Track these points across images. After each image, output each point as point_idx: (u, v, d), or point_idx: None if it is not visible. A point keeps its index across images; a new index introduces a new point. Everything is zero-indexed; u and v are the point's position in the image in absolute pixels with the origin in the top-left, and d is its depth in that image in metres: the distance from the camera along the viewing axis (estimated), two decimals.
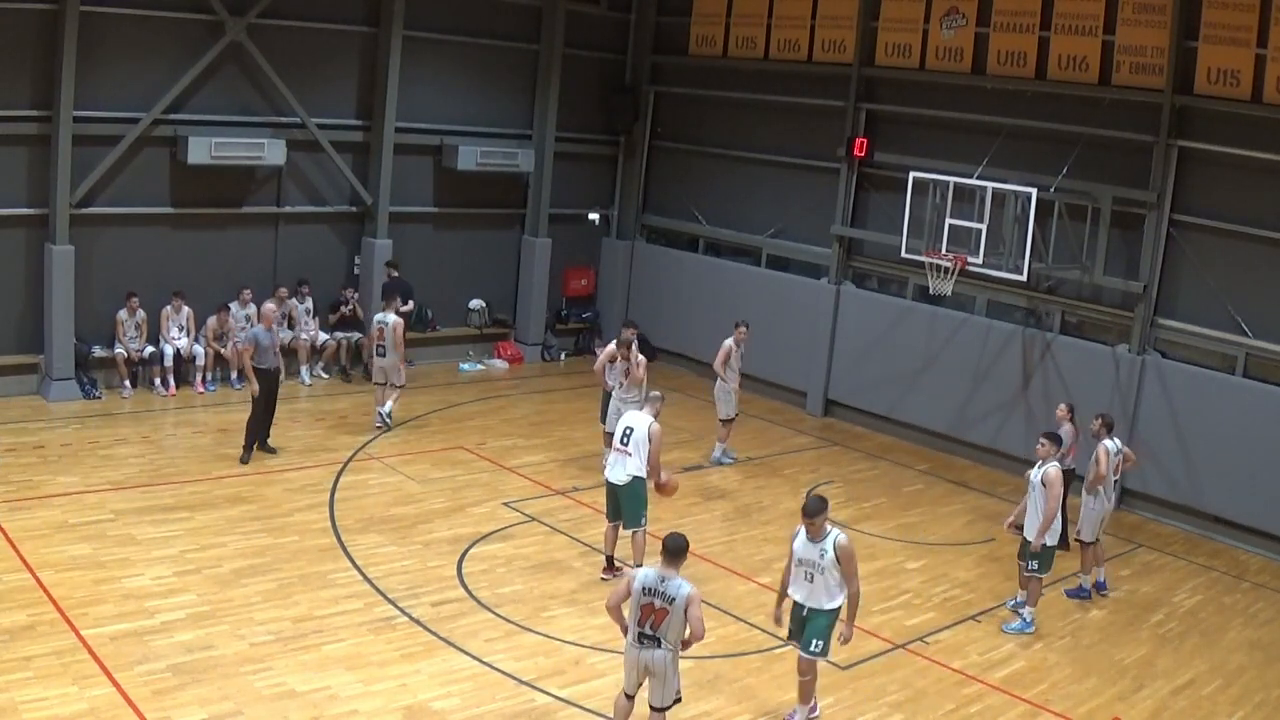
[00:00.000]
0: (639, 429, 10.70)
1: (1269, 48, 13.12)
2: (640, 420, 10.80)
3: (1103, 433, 11.66)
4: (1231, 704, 9.75)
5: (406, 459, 14.01)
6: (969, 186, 14.29)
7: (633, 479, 10.69)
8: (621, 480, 10.71)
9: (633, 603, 7.55)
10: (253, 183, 16.61)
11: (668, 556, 7.54)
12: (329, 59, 17.00)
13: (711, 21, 19.18)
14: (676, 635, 7.49)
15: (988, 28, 15.64)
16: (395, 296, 15.47)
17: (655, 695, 7.66)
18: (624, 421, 10.95)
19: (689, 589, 7.47)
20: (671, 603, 7.42)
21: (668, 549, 7.55)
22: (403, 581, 10.60)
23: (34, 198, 14.73)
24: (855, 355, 17.29)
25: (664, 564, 7.53)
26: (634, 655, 7.63)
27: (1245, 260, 13.69)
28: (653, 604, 7.45)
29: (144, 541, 10.86)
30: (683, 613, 7.43)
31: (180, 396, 15.60)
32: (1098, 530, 11.67)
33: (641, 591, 7.50)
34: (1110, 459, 11.52)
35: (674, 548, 7.55)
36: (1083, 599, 11.65)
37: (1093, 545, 11.68)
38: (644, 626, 7.51)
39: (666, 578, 7.47)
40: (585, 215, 20.18)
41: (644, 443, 10.64)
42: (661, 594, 7.44)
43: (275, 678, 8.66)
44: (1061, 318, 15.37)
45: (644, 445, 10.64)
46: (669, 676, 7.60)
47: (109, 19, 14.83)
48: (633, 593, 7.54)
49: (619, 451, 10.78)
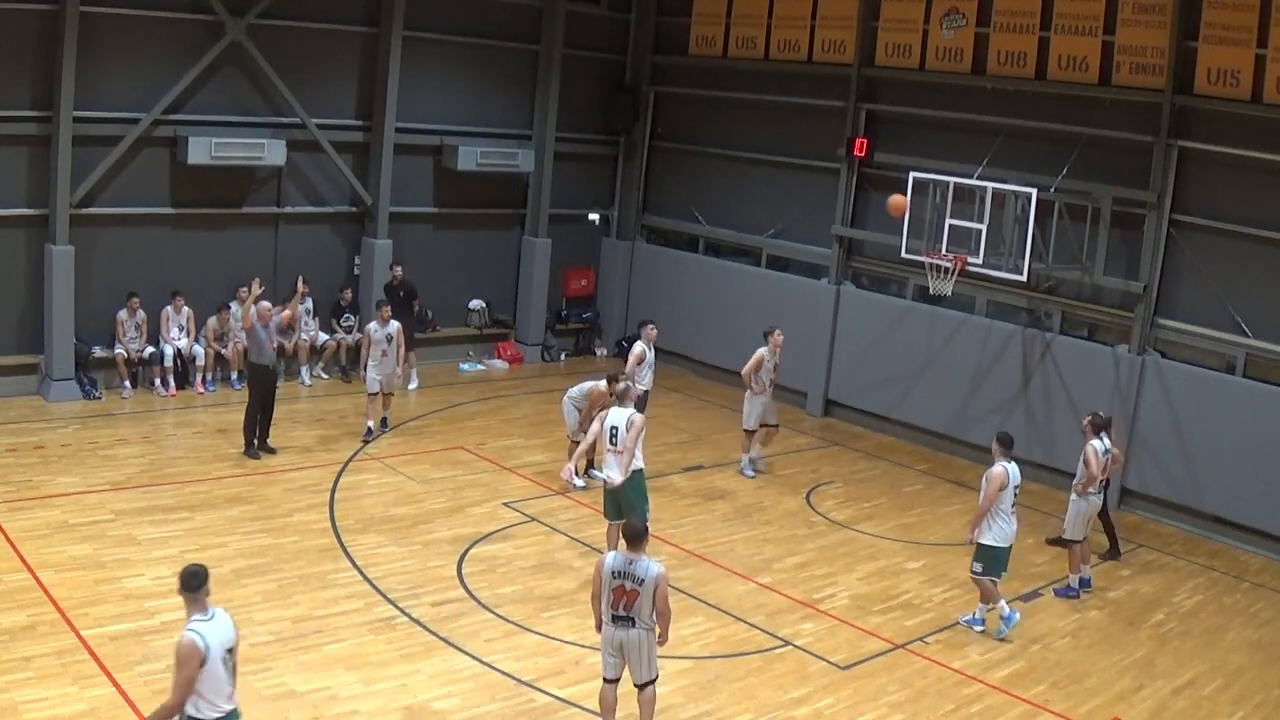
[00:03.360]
0: (621, 425, 10.82)
1: (1269, 48, 13.11)
2: (622, 416, 10.90)
3: (1089, 432, 11.67)
4: (1231, 704, 9.74)
5: (406, 459, 14.01)
6: (969, 186, 14.29)
7: (631, 474, 10.83)
8: (621, 478, 10.80)
9: (604, 587, 7.81)
10: (253, 183, 16.61)
11: (629, 542, 7.82)
12: (329, 59, 17.00)
13: (711, 21, 19.17)
14: (648, 614, 7.78)
15: (988, 28, 15.64)
16: (389, 305, 15.03)
17: (636, 673, 7.95)
18: (609, 422, 10.97)
19: (657, 569, 7.78)
20: (641, 583, 7.72)
21: (627, 535, 7.86)
22: (403, 581, 10.60)
23: (34, 198, 14.73)
24: (855, 355, 17.29)
25: (630, 549, 7.80)
26: (609, 635, 7.91)
27: (1245, 260, 13.69)
28: (623, 586, 7.76)
29: (144, 542, 10.87)
30: (652, 592, 7.70)
31: (180, 397, 15.60)
32: (1085, 529, 11.67)
33: (611, 575, 7.78)
34: (1099, 459, 11.52)
35: (632, 534, 7.85)
36: (1070, 598, 11.64)
37: (1080, 544, 11.69)
38: (617, 609, 7.80)
39: (634, 560, 7.75)
40: (585, 215, 20.19)
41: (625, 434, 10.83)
42: (631, 575, 7.74)
43: (275, 678, 8.67)
44: (1061, 318, 15.38)
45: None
46: (645, 654, 7.90)
47: (109, 19, 14.83)
48: (603, 577, 7.81)
49: (612, 452, 10.87)
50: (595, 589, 7.94)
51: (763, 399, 14.45)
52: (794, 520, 13.30)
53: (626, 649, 7.88)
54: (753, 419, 14.51)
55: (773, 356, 14.51)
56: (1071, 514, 11.68)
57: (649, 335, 14.43)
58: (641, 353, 14.19)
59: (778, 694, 9.24)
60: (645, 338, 14.41)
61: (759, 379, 14.38)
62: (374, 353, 14.52)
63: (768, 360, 14.43)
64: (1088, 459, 11.52)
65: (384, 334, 14.55)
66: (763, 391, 14.41)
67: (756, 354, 14.40)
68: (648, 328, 14.52)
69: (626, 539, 7.87)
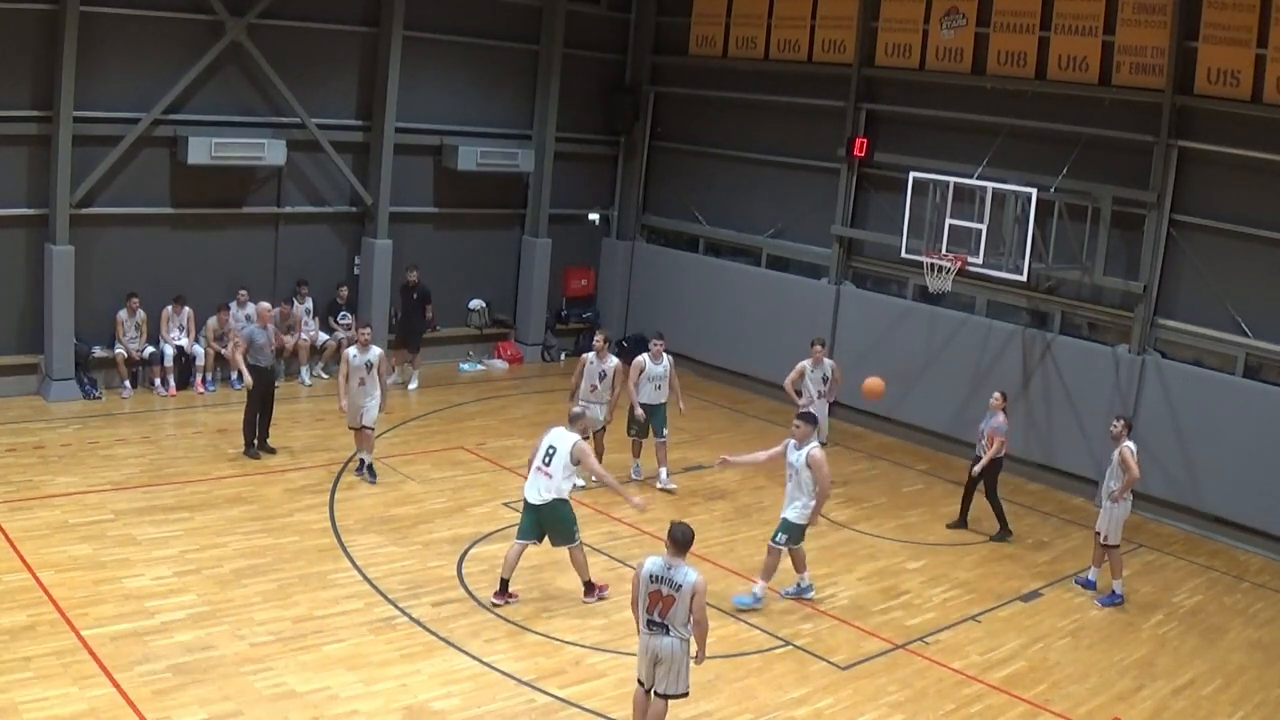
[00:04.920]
0: (562, 448, 10.23)
1: (1269, 48, 13.11)
2: (565, 440, 10.30)
3: (1124, 435, 11.58)
4: (1231, 704, 9.75)
5: (407, 459, 14.01)
6: (969, 186, 14.29)
7: (555, 499, 10.25)
8: (540, 500, 10.25)
9: (641, 591, 7.61)
10: (253, 183, 16.61)
11: (673, 546, 7.59)
12: (329, 59, 17.00)
13: (711, 21, 19.17)
14: (683, 623, 7.55)
15: (988, 28, 15.64)
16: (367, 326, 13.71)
17: (662, 682, 7.71)
18: (547, 440, 10.34)
19: (695, 577, 7.53)
20: (678, 590, 7.48)
21: (674, 539, 7.60)
22: (403, 581, 10.60)
23: (34, 198, 14.73)
24: (855, 355, 17.25)
25: (671, 553, 7.59)
26: (644, 643, 7.71)
27: (1245, 260, 13.69)
28: (660, 591, 7.52)
29: (144, 542, 10.86)
30: (689, 600, 7.47)
31: (180, 397, 15.60)
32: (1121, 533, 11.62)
33: (649, 579, 7.56)
34: (1136, 459, 11.44)
35: (680, 539, 7.59)
36: (1116, 604, 11.55)
37: (1117, 549, 11.64)
38: (652, 614, 7.58)
39: (673, 565, 7.53)
40: (585, 215, 20.19)
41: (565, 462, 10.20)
42: (669, 581, 7.51)
43: (275, 678, 8.67)
44: (1061, 318, 15.37)
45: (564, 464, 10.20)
46: (677, 666, 7.65)
47: (109, 19, 14.83)
48: (640, 581, 7.60)
49: (541, 471, 10.26)
50: (634, 594, 7.69)
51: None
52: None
53: (659, 657, 7.62)
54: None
55: (817, 368, 14.16)
56: (1114, 520, 11.52)
57: (655, 350, 13.78)
58: (640, 365, 13.76)
59: (778, 694, 9.24)
60: (652, 352, 13.78)
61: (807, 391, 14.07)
62: (351, 381, 12.87)
63: (811, 372, 14.13)
64: (1127, 462, 11.40)
65: (363, 360, 12.91)
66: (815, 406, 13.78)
67: (798, 366, 14.20)
68: (654, 342, 13.99)
69: (671, 542, 7.60)
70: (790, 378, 14.22)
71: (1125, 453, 11.44)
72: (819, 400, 14.12)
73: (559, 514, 10.33)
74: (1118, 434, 11.61)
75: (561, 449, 10.26)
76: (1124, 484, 11.44)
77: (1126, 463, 11.41)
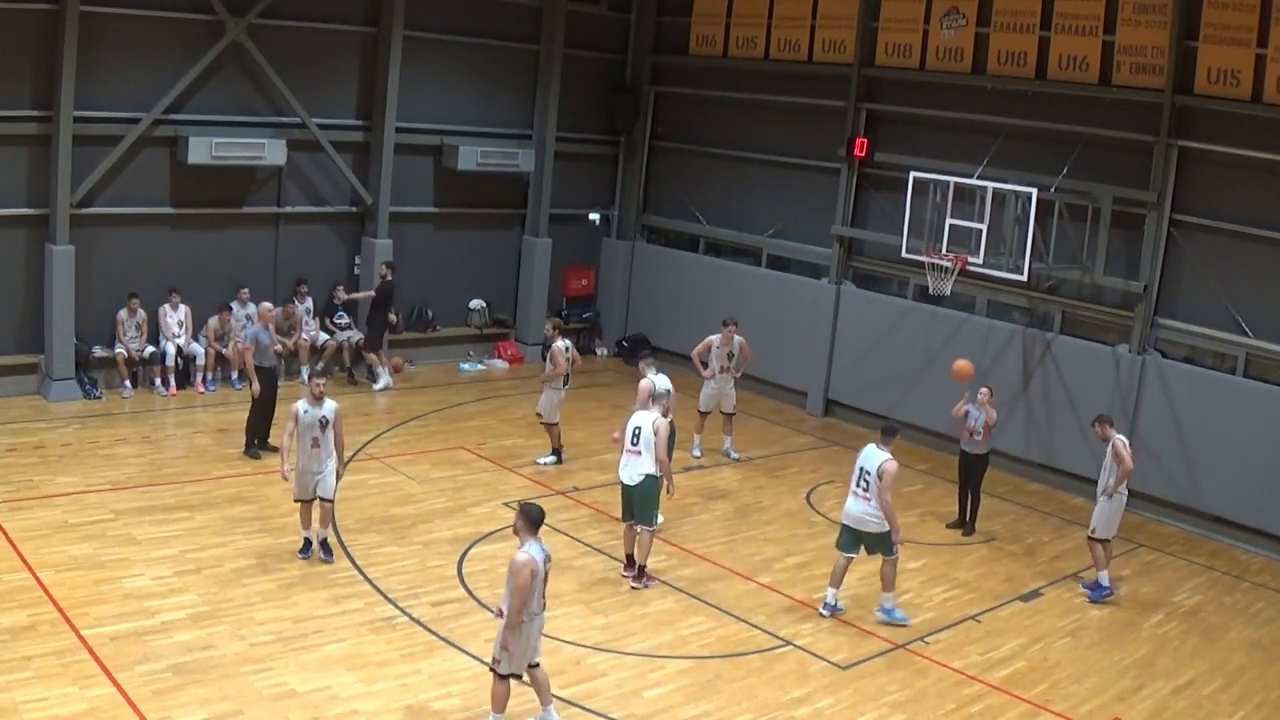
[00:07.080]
0: (645, 427, 10.89)
1: (1269, 48, 13.11)
2: (646, 419, 10.98)
3: (1110, 429, 11.65)
4: (1231, 704, 9.75)
5: (406, 459, 14.01)
6: (969, 186, 14.28)
7: (645, 478, 10.84)
8: (633, 480, 10.87)
9: (540, 578, 7.95)
10: (253, 183, 16.60)
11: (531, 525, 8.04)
12: (329, 59, 16.99)
13: (711, 21, 19.17)
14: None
15: (988, 28, 15.64)
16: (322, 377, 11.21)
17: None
18: (632, 421, 11.06)
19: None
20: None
21: (530, 518, 8.04)
22: (403, 581, 10.60)
23: (34, 198, 14.73)
24: (855, 355, 17.29)
25: (533, 534, 8.00)
26: (538, 625, 8.17)
27: (1245, 260, 13.69)
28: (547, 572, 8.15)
29: (144, 541, 10.86)
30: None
31: (181, 396, 15.60)
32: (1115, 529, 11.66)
33: (545, 561, 8.04)
34: (1129, 450, 11.49)
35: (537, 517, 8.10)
36: (1106, 599, 11.61)
37: (1107, 543, 11.68)
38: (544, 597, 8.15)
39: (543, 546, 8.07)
40: (585, 215, 20.18)
41: (651, 440, 10.87)
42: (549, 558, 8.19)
43: (275, 678, 8.67)
44: (1061, 318, 15.37)
45: (651, 443, 10.87)
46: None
47: (109, 19, 14.83)
48: (538, 572, 7.90)
49: (630, 452, 10.93)
50: (532, 583, 7.89)
51: (713, 384, 15.05)
52: (794, 520, 13.30)
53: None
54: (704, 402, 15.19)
55: (725, 345, 15.02)
56: (1108, 513, 11.55)
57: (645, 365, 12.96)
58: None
59: (778, 694, 9.24)
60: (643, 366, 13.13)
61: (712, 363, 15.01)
62: (302, 442, 10.57)
63: (718, 347, 14.99)
64: (1120, 453, 11.45)
65: (316, 416, 10.58)
66: (712, 377, 15.01)
67: (706, 339, 15.10)
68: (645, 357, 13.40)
69: (530, 522, 8.05)
70: (698, 349, 15.11)
71: (1118, 444, 11.52)
72: (721, 374, 15.03)
73: (646, 492, 10.88)
74: (1103, 434, 11.68)
75: (645, 428, 10.90)
76: (1119, 476, 11.48)
77: (1120, 454, 11.46)
